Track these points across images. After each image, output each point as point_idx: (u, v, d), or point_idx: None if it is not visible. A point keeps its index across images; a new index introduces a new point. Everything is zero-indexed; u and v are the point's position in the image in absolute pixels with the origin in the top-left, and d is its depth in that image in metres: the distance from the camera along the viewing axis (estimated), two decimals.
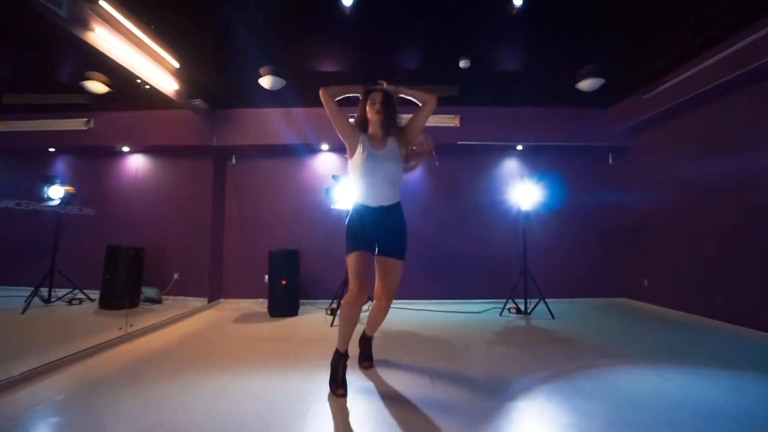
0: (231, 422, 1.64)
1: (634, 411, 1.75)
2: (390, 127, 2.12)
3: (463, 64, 3.45)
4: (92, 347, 2.59)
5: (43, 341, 2.73)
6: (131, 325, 3.05)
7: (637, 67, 3.65)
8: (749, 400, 1.87)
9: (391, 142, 2.11)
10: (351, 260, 1.98)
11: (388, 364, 2.45)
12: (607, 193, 4.72)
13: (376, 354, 2.56)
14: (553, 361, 2.48)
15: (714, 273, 3.44)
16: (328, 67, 3.83)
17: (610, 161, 4.81)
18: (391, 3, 3.27)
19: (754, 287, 3.06)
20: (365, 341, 2.43)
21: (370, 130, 2.15)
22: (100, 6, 2.55)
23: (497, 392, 1.98)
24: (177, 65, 3.50)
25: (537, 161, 4.71)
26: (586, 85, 3.70)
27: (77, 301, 4.01)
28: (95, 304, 3.98)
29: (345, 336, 1.97)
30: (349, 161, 2.14)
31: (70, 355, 2.40)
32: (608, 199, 4.70)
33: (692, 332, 3.22)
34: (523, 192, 3.93)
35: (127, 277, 4.00)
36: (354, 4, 3.16)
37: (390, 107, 2.12)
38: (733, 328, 3.20)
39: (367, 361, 2.38)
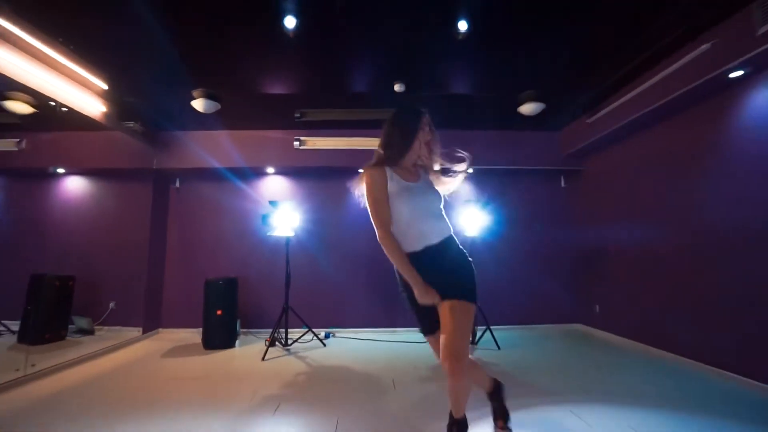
0: None
1: None
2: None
3: (397, 87, 3.41)
4: None
5: None
6: (33, 365, 2.80)
7: (578, 92, 3.65)
8: None
9: (424, 176, 1.71)
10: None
11: (298, 403, 2.26)
12: (559, 217, 4.67)
13: (289, 392, 2.37)
14: (476, 401, 2.32)
15: (663, 300, 3.35)
16: (268, 88, 3.74)
17: (563, 184, 4.78)
18: (336, 26, 3.22)
19: (701, 317, 2.97)
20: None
21: (405, 163, 1.66)
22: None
23: None
24: (105, 87, 3.37)
25: (487, 185, 4.63)
26: (527, 109, 3.67)
27: None
28: (14, 338, 3.70)
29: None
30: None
31: None
32: (560, 223, 4.65)
33: (633, 364, 3.10)
34: (469, 217, 3.84)
35: (51, 308, 3.75)
36: (296, 27, 3.09)
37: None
38: (676, 359, 3.10)
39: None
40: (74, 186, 4.39)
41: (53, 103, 2.99)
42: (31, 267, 3.93)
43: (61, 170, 4.31)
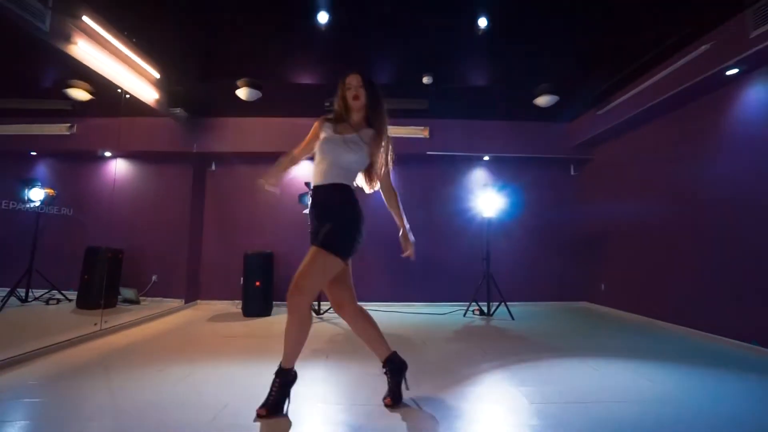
0: (190, 402, 1.81)
1: (558, 392, 1.97)
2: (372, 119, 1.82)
3: (426, 80, 3.71)
4: (67, 340, 2.73)
5: (18, 336, 2.85)
6: (106, 322, 3.18)
7: (590, 85, 3.97)
8: (672, 385, 2.11)
9: (363, 133, 1.80)
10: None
11: (344, 354, 2.63)
12: (568, 202, 5.02)
13: (334, 346, 2.74)
14: (498, 355, 2.70)
15: (662, 277, 3.72)
16: (303, 79, 4.07)
17: (572, 172, 5.12)
18: (365, 22, 3.54)
19: (698, 290, 3.34)
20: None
21: (351, 120, 1.83)
22: (83, 21, 2.74)
23: (441, 379, 2.19)
24: (158, 76, 3.70)
25: (503, 171, 4.98)
26: (542, 101, 3.99)
27: (54, 301, 4.10)
28: (72, 304, 4.08)
29: None
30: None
31: (46, 346, 2.54)
32: (570, 208, 4.99)
33: (636, 332, 3.47)
34: (487, 200, 4.19)
35: (104, 277, 4.12)
36: (329, 22, 3.42)
37: (372, 92, 1.82)
38: (679, 328, 3.46)
39: None
40: (120, 167, 4.74)
41: (120, 90, 3.31)
42: (81, 242, 4.30)
43: (108, 153, 4.65)
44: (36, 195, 3.93)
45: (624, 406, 1.82)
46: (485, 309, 4.20)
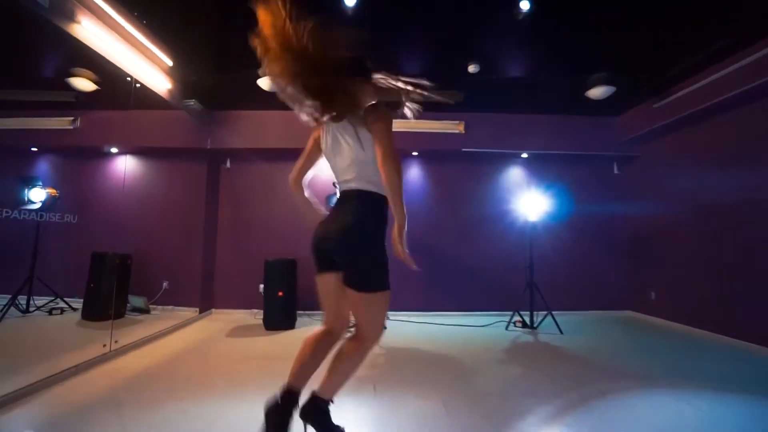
0: None
1: None
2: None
3: (472, 68, 3.33)
4: (73, 367, 2.37)
5: (18, 358, 2.50)
6: (116, 342, 2.83)
7: (648, 75, 3.57)
8: None
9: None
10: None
11: (394, 384, 2.27)
12: (611, 204, 4.63)
13: (380, 373, 2.38)
14: (569, 385, 2.33)
15: (725, 287, 3.34)
16: None
17: (615, 171, 4.72)
18: (397, 4, 3.16)
19: (762, 302, 2.96)
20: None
21: None
22: None
23: (514, 419, 1.83)
24: (170, 63, 3.31)
25: (540, 170, 4.59)
26: (596, 93, 3.59)
27: (58, 311, 3.75)
28: (77, 314, 3.73)
29: None
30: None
31: (49, 377, 2.18)
32: (613, 210, 4.60)
33: (707, 350, 3.10)
34: (530, 201, 3.80)
35: (112, 285, 3.76)
36: (357, 4, 3.04)
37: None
38: (748, 346, 3.09)
39: None
40: (128, 165, 4.36)
41: (129, 79, 2.93)
42: (86, 245, 3.94)
43: (114, 149, 4.27)
44: (37, 195, 3.57)
45: None
46: (528, 320, 3.83)
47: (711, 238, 3.52)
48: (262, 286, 4.10)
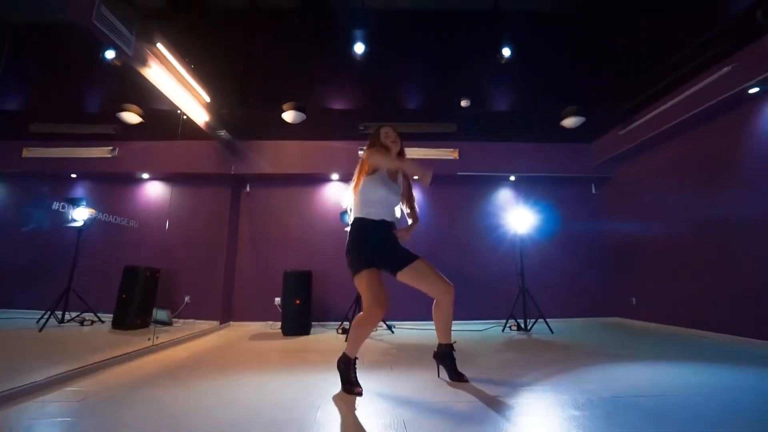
0: (243, 423, 1.62)
1: (633, 391, 2.00)
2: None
3: (464, 103, 3.94)
4: (124, 354, 2.71)
5: (68, 353, 2.83)
6: (158, 338, 3.16)
7: (615, 106, 4.24)
8: (747, 383, 2.15)
9: (402, 182, 2.29)
10: (364, 279, 1.99)
11: (406, 364, 2.64)
12: (592, 220, 5.17)
13: (394, 359, 2.75)
14: (556, 361, 2.73)
15: (695, 287, 3.81)
16: (338, 105, 4.30)
17: (593, 191, 5.31)
18: (396, 52, 3.81)
19: (735, 298, 3.43)
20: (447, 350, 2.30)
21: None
22: (157, 48, 2.94)
23: (509, 384, 2.21)
24: (208, 99, 3.89)
25: (528, 191, 5.15)
26: (569, 122, 4.23)
27: (89, 322, 4.05)
28: (106, 326, 4.02)
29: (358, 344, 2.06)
30: (356, 187, 2.16)
31: (98, 362, 2.50)
32: (594, 226, 5.14)
33: (683, 340, 3.51)
34: (520, 217, 4.32)
35: (143, 297, 4.11)
36: (365, 53, 3.66)
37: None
38: (720, 336, 3.51)
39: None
40: (157, 190, 4.84)
41: (179, 112, 3.48)
42: (115, 263, 4.31)
43: (145, 175, 4.76)
44: (80, 214, 4.00)
45: (667, 399, 1.87)
46: (522, 324, 4.22)
47: (679, 246, 4.03)
48: (278, 299, 4.47)
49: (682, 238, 4.01)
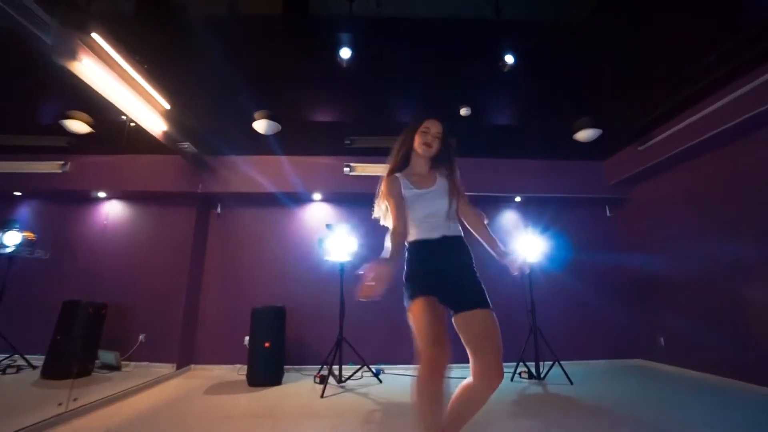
0: None
1: None
2: (439, 162, 1.68)
3: (464, 111, 3.44)
4: (21, 429, 2.03)
5: None
6: (75, 400, 2.48)
7: (633, 118, 3.73)
8: None
9: (440, 180, 1.65)
10: (416, 309, 1.48)
11: None
12: (608, 247, 4.59)
13: (377, 429, 2.09)
14: None
15: (735, 329, 3.19)
16: (321, 116, 3.79)
17: (608, 213, 4.75)
18: (389, 57, 3.33)
19: None
20: None
21: (413, 168, 1.69)
22: (92, 38, 2.42)
23: None
24: (168, 107, 3.35)
25: (534, 213, 4.59)
26: (583, 135, 3.72)
27: (13, 369, 3.35)
28: (36, 373, 3.33)
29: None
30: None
31: None
32: (610, 253, 4.55)
33: (724, 396, 2.87)
34: (528, 243, 3.73)
35: (83, 338, 3.44)
36: (352, 58, 3.17)
37: (446, 142, 1.68)
38: (761, 389, 2.87)
39: None
40: (114, 209, 4.24)
41: (124, 117, 2.93)
42: (57, 295, 3.66)
43: (102, 194, 4.17)
44: (11, 239, 3.38)
45: None
46: (534, 371, 3.56)
47: (711, 279, 3.44)
48: (247, 338, 3.81)
49: (717, 273, 3.41)
